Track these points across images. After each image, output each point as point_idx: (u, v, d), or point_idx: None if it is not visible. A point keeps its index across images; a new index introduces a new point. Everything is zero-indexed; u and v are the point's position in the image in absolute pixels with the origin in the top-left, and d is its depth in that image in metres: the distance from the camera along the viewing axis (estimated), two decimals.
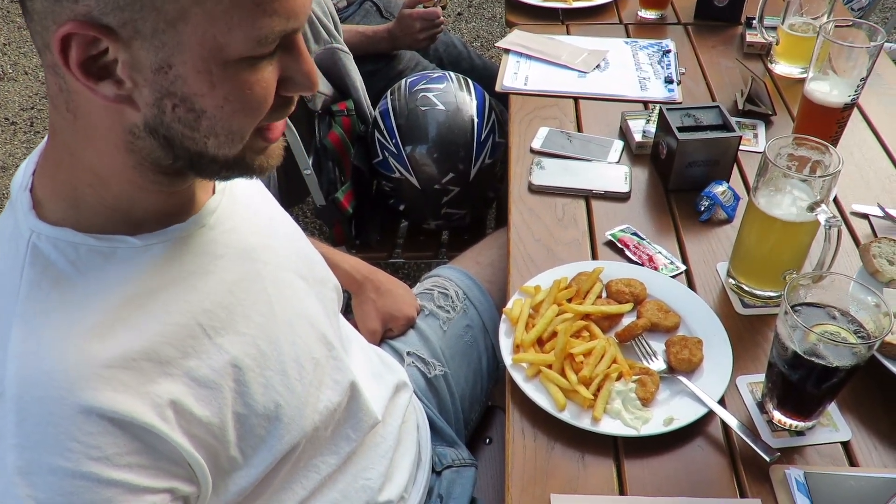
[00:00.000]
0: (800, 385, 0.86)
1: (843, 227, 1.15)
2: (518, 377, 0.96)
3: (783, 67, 1.59)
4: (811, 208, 0.95)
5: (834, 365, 0.82)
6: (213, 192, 0.76)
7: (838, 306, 0.87)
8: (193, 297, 0.68)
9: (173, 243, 0.69)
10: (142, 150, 0.61)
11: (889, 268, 1.04)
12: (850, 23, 1.19)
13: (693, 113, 1.29)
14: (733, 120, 1.44)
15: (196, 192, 0.72)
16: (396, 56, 2.03)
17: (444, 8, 1.95)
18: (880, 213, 1.20)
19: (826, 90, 1.13)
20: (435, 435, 1.11)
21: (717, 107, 1.29)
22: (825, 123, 1.15)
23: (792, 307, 0.86)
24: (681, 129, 1.25)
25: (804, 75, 1.58)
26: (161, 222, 0.69)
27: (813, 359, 0.82)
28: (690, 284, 1.12)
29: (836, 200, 1.26)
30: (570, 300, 1.05)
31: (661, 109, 1.30)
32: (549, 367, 0.95)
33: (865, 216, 1.22)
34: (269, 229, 0.83)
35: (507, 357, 0.98)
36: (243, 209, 0.79)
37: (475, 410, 1.21)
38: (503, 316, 1.04)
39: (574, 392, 0.92)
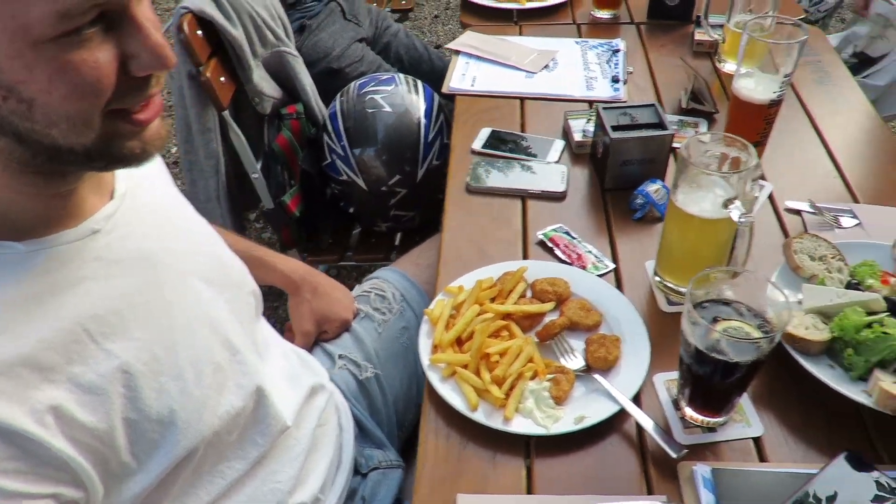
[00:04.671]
0: (706, 381, 0.86)
1: (776, 223, 1.16)
2: (434, 377, 0.96)
3: (731, 65, 1.59)
4: (726, 205, 0.96)
5: (734, 360, 0.82)
6: (112, 198, 0.76)
7: (747, 302, 0.88)
8: (82, 303, 0.68)
9: (62, 249, 0.69)
10: (1, 152, 0.61)
11: (810, 263, 1.04)
12: (779, 20, 1.20)
13: (629, 112, 1.29)
14: (675, 118, 1.45)
15: (87, 197, 0.73)
16: (361, 58, 2.03)
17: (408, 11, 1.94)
18: (811, 210, 1.20)
19: (752, 87, 1.13)
20: (364, 437, 1.11)
21: (653, 105, 1.29)
22: (753, 120, 1.15)
23: (696, 304, 0.86)
24: (615, 128, 1.25)
25: (774, 72, 1.58)
26: (50, 228, 0.69)
27: (714, 355, 0.82)
28: (619, 282, 1.12)
29: (770, 197, 1.26)
30: (493, 300, 1.05)
31: (597, 108, 1.30)
32: (465, 366, 0.95)
33: (798, 212, 1.22)
34: (174, 235, 0.83)
35: (425, 358, 0.98)
36: (148, 215, 0.79)
37: (410, 411, 1.21)
38: (424, 317, 1.04)
39: (487, 392, 0.92)
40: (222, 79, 1.47)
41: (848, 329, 0.92)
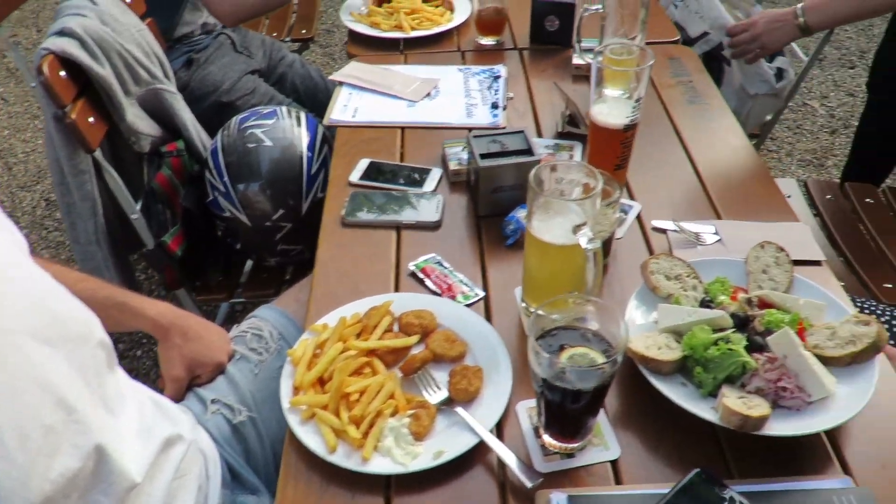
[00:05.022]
0: (558, 408, 0.87)
1: (643, 243, 1.18)
2: (293, 421, 0.94)
3: (609, 90, 1.62)
4: (575, 231, 0.97)
5: (578, 388, 0.83)
6: None
7: (592, 327, 0.89)
8: None
9: None
10: None
11: (666, 283, 1.07)
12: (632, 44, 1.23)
13: (499, 139, 1.31)
14: (551, 141, 1.48)
15: None
16: (253, 90, 2.01)
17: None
18: (675, 228, 1.24)
19: (606, 112, 1.16)
20: (237, 483, 1.08)
21: (522, 132, 1.32)
22: (610, 145, 1.18)
23: (543, 334, 0.87)
24: (485, 156, 1.27)
25: (627, 97, 1.63)
26: None
27: (559, 384, 0.83)
28: (488, 310, 1.13)
29: (638, 217, 1.29)
30: (359, 336, 1.04)
31: (468, 137, 1.32)
32: (325, 407, 0.94)
33: (664, 231, 1.26)
34: None
35: (285, 401, 0.97)
36: None
37: None
38: (287, 358, 1.02)
39: (346, 432, 0.91)
40: (91, 119, 1.43)
41: (696, 347, 0.95)
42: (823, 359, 0.96)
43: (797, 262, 1.16)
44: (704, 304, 1.03)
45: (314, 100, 2.17)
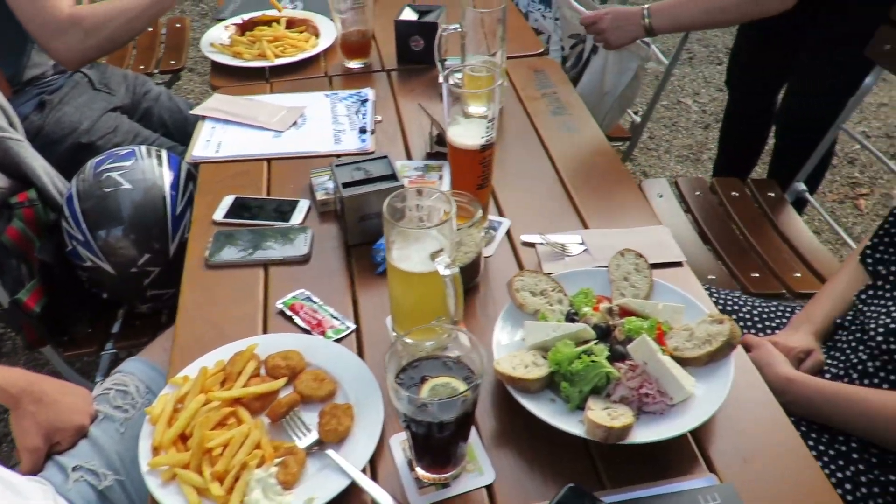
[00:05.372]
0: (424, 440, 0.86)
1: (513, 259, 1.17)
2: (153, 483, 0.89)
3: (473, 108, 1.63)
4: (433, 257, 0.96)
5: (440, 420, 0.82)
6: None
7: (454, 354, 0.88)
8: None
9: None
10: None
11: (532, 299, 1.08)
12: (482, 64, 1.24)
13: (363, 166, 1.29)
14: (421, 163, 1.47)
15: None
16: (115, 129, 1.92)
17: None
18: (542, 241, 1.25)
19: (461, 133, 1.17)
20: None
21: (385, 157, 1.30)
22: (470, 166, 1.18)
23: (403, 369, 0.86)
24: (348, 185, 1.25)
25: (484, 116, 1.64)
26: None
27: (423, 417, 0.82)
28: (360, 343, 1.11)
29: (508, 232, 1.30)
30: (223, 384, 1.00)
31: (331, 166, 1.29)
32: (187, 466, 0.89)
33: (533, 245, 1.27)
34: None
35: (143, 463, 0.91)
36: None
37: None
38: (146, 416, 0.97)
39: (209, 490, 0.87)
40: None
41: (562, 362, 0.95)
42: (683, 360, 0.98)
43: (660, 265, 1.20)
44: (570, 317, 1.04)
45: (184, 133, 2.09)
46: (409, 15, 1.83)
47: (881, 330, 1.10)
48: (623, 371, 0.94)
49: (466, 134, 1.16)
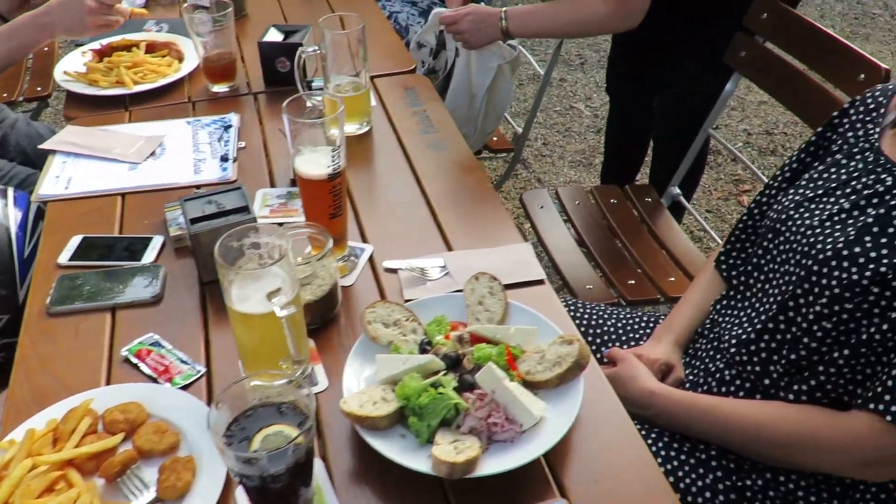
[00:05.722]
0: (259, 493, 0.82)
1: (375, 286, 1.13)
2: None
3: (335, 131, 1.60)
4: (269, 297, 0.93)
5: (270, 473, 0.78)
6: None
7: (288, 399, 0.85)
8: None
9: None
10: None
11: (385, 331, 1.05)
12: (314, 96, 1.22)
13: (216, 198, 1.24)
14: (284, 190, 1.43)
15: None
16: None
17: None
18: (405, 267, 1.23)
19: (307, 163, 1.13)
20: None
21: (239, 188, 1.26)
22: (320, 196, 1.15)
23: (232, 422, 0.82)
24: (197, 220, 1.20)
25: (362, 130, 1.62)
26: None
27: (253, 472, 0.78)
28: (210, 388, 1.06)
29: (371, 259, 1.28)
30: (55, 444, 0.94)
31: (181, 200, 1.24)
32: None
33: (395, 272, 1.25)
34: None
35: None
36: None
37: None
38: None
39: None
40: None
41: (410, 396, 0.93)
42: (535, 384, 0.98)
43: (522, 284, 1.20)
44: (423, 347, 1.03)
45: (45, 160, 1.99)
46: (274, 36, 1.79)
47: (734, 341, 1.12)
48: (471, 401, 0.93)
49: (312, 163, 1.13)
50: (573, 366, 0.97)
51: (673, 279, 1.76)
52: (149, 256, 1.27)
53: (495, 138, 2.33)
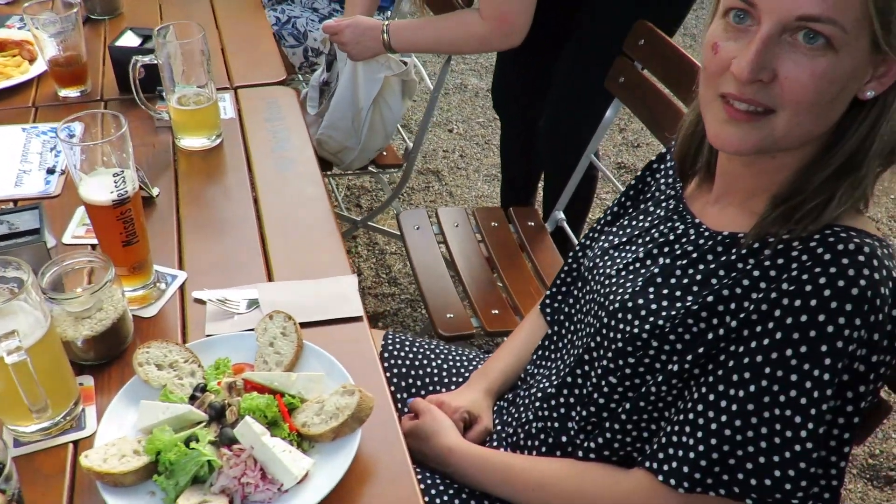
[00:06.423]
0: None
1: (179, 320, 1.04)
2: None
3: (188, 141, 1.52)
4: None
5: None
6: None
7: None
8: None
9: None
10: None
11: (158, 373, 0.97)
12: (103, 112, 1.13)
13: (8, 218, 1.15)
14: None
15: None
16: None
17: None
18: (213, 299, 1.15)
19: (89, 190, 1.04)
20: None
21: (37, 208, 1.17)
22: (109, 222, 1.06)
23: None
24: None
25: (212, 144, 1.53)
26: None
27: None
28: None
29: (183, 288, 1.19)
30: None
31: None
32: None
33: (204, 302, 1.17)
34: None
35: None
36: None
37: None
38: None
39: None
40: None
41: (162, 450, 0.86)
42: (311, 437, 0.91)
43: (339, 321, 1.13)
44: (194, 393, 0.95)
45: None
46: (129, 40, 1.69)
47: (539, 395, 1.07)
48: (227, 458, 0.86)
49: (96, 187, 1.05)
50: (350, 419, 0.90)
51: None
52: None
53: (384, 153, 2.25)
